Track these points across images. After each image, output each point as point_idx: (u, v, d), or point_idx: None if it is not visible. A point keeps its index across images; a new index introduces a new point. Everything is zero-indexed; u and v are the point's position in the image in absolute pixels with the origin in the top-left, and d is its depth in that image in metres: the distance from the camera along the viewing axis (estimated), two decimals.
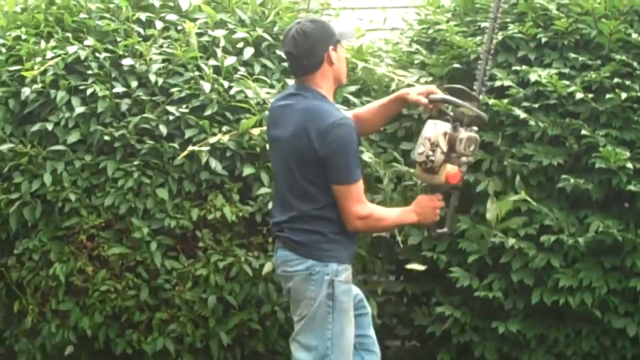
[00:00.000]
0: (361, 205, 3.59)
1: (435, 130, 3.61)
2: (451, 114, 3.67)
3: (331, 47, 3.60)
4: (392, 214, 3.70)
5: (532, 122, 4.23)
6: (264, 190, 4.16)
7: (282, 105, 3.67)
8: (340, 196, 3.59)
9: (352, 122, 3.62)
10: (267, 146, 3.87)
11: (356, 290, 3.84)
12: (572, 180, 4.13)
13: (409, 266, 4.22)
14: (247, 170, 4.18)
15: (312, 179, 3.60)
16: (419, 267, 4.19)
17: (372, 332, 3.90)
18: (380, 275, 4.63)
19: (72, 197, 4.16)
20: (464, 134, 3.62)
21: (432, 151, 3.60)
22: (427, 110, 3.78)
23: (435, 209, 3.69)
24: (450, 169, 3.61)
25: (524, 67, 4.35)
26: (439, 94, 3.67)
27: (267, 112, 4.17)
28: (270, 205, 4.13)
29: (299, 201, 3.63)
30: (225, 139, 4.14)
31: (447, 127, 3.59)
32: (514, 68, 4.38)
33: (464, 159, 3.65)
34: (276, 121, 3.69)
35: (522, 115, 4.24)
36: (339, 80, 3.71)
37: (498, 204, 4.20)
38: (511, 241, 4.15)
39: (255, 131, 4.13)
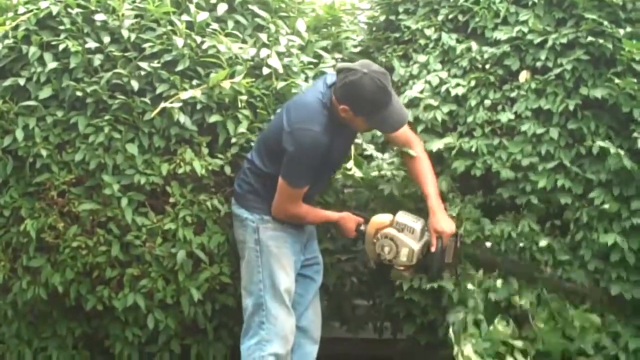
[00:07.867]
0: (294, 206, 3.91)
1: (414, 255, 3.93)
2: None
3: (349, 109, 3.79)
4: (316, 217, 4.04)
5: None
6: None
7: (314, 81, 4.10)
8: (281, 189, 3.90)
9: (325, 139, 3.79)
10: None
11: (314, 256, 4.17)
12: None
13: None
14: (214, 118, 4.17)
15: (272, 149, 3.91)
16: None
17: (315, 302, 4.17)
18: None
19: (44, 152, 4.13)
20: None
21: (395, 258, 3.94)
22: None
23: (351, 232, 4.05)
24: None
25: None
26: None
27: (238, 67, 4.19)
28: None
29: (257, 154, 3.99)
30: (198, 94, 4.11)
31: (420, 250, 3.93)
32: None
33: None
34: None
35: None
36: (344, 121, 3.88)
37: None
38: None
39: (226, 84, 4.09)
